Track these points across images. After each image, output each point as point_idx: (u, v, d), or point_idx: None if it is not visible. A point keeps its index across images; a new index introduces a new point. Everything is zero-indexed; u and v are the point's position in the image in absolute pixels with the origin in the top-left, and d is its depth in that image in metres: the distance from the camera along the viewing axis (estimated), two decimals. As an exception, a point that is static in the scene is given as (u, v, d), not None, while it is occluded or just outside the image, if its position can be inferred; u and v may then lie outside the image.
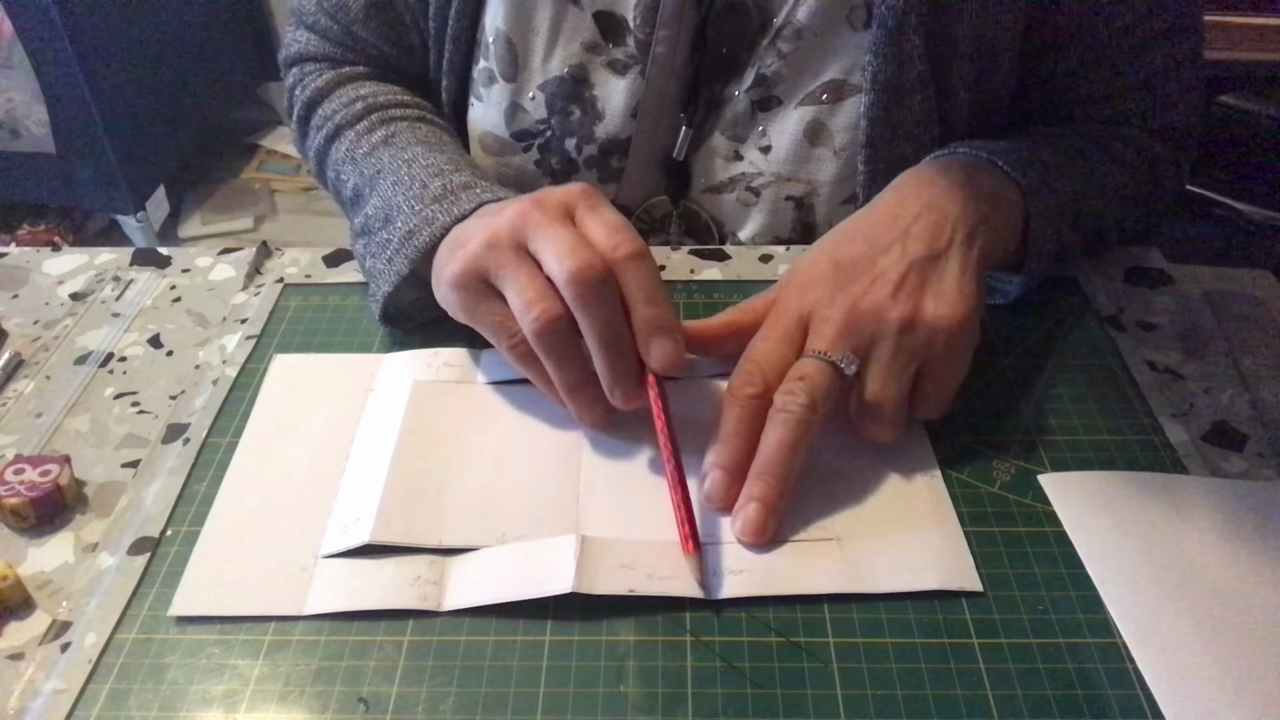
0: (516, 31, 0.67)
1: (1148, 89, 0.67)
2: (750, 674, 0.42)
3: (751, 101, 0.67)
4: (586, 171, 0.71)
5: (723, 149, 0.69)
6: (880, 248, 0.52)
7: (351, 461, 0.52)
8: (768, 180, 0.68)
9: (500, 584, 0.45)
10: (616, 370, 0.49)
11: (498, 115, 0.70)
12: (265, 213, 2.29)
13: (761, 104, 0.67)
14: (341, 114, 0.70)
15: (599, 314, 0.47)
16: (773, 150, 0.67)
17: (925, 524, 0.48)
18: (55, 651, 0.43)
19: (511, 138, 0.71)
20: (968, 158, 0.58)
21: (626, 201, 0.73)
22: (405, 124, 0.69)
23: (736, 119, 0.68)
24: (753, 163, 0.68)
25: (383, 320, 0.59)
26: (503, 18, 0.67)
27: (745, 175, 0.69)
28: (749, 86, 0.66)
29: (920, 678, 0.41)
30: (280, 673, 0.42)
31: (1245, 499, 0.48)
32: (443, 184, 0.58)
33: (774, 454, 0.47)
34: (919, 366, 0.50)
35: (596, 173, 0.71)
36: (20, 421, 0.55)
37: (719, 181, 0.70)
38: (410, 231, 0.56)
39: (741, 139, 0.68)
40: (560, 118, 0.69)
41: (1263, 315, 0.61)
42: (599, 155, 0.70)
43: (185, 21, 2.20)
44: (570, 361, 0.49)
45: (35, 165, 2.04)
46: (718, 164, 0.69)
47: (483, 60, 0.70)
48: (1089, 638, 0.43)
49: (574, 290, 0.47)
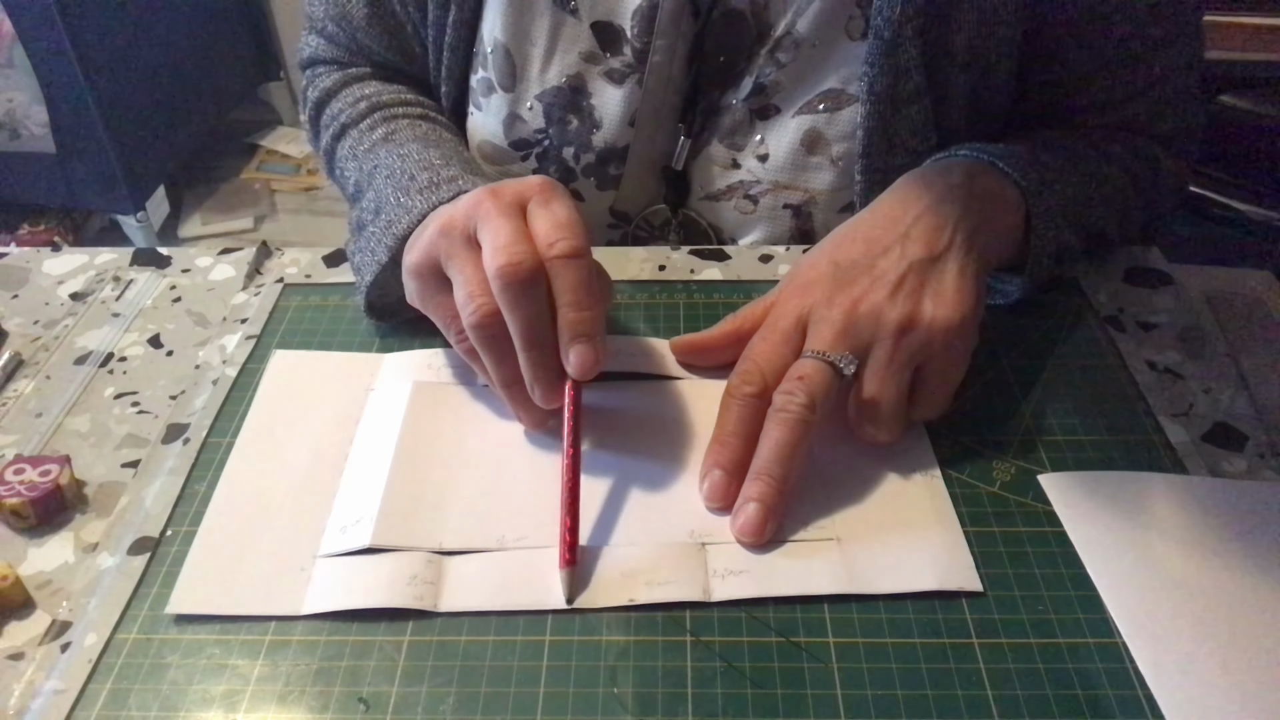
0: (514, 42, 0.68)
1: (1148, 96, 0.67)
2: (750, 674, 0.42)
3: (749, 110, 0.67)
4: (584, 179, 0.71)
5: (720, 157, 0.69)
6: (879, 249, 0.52)
7: (351, 462, 0.52)
8: (765, 188, 0.68)
9: (497, 592, 0.45)
10: (536, 369, 0.48)
11: (496, 125, 0.71)
12: (265, 213, 2.29)
13: (759, 112, 0.67)
14: (347, 113, 0.71)
15: (520, 313, 0.47)
16: (770, 158, 0.67)
17: (925, 524, 0.48)
18: (55, 651, 0.43)
19: (510, 147, 0.71)
20: (968, 160, 0.58)
21: (625, 208, 0.73)
22: (406, 121, 0.70)
23: (734, 127, 0.68)
24: (750, 171, 0.68)
25: (368, 313, 0.59)
26: (501, 28, 0.67)
27: (743, 183, 0.69)
28: (747, 95, 0.66)
29: (920, 678, 0.41)
30: (280, 673, 0.42)
31: (1245, 499, 0.48)
32: (430, 176, 0.59)
33: (773, 454, 0.47)
34: (917, 367, 0.50)
35: (594, 181, 0.71)
36: (20, 421, 0.55)
37: (717, 190, 0.70)
38: (391, 221, 0.57)
39: (739, 147, 0.68)
40: (558, 127, 0.69)
41: (1263, 315, 0.61)
42: (596, 164, 0.70)
43: (185, 22, 2.20)
44: (505, 358, 0.49)
45: (35, 165, 2.04)
46: (715, 172, 0.70)
47: (481, 70, 0.70)
48: (1089, 638, 0.43)
49: (498, 285, 0.47)
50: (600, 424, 0.53)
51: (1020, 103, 0.68)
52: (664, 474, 0.50)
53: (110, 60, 1.98)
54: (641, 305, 0.62)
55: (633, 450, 0.52)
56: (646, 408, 0.54)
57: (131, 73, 2.04)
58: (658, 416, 0.54)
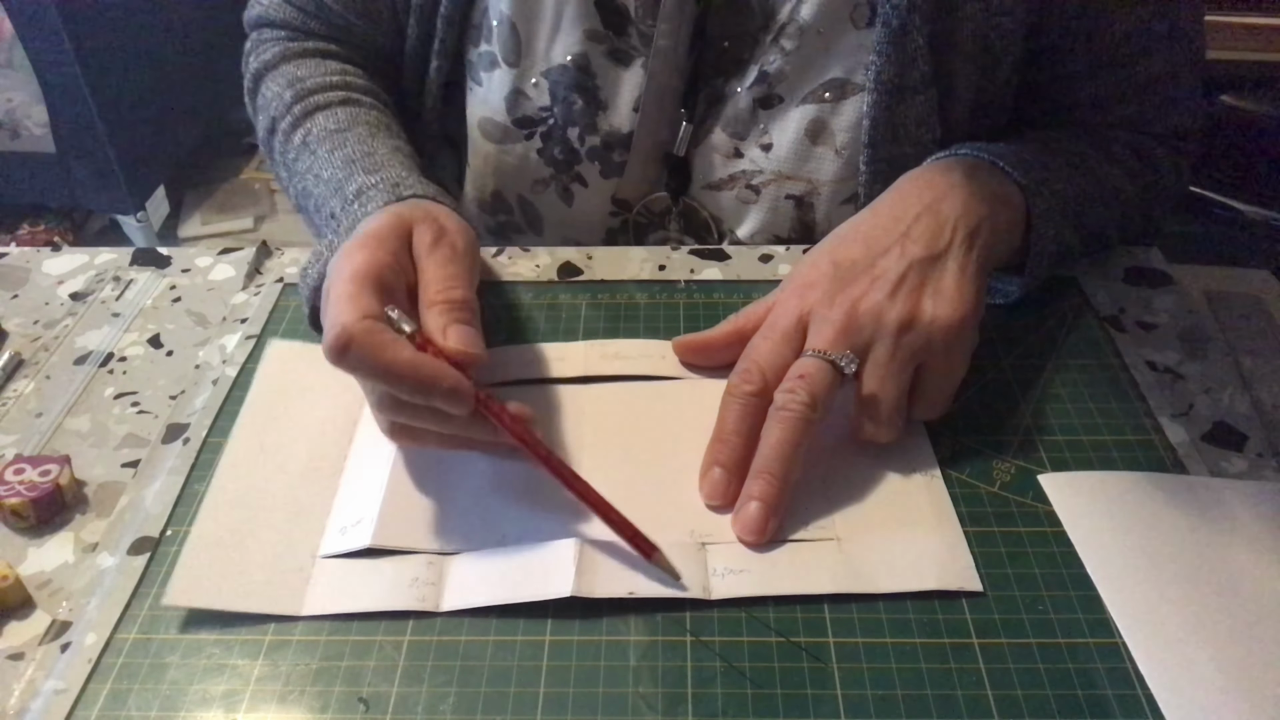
0: (521, 16, 0.67)
1: (1150, 92, 0.67)
2: (750, 674, 0.42)
3: (754, 99, 0.67)
4: (589, 164, 0.71)
5: (723, 146, 0.69)
6: (880, 249, 0.52)
7: (351, 461, 0.52)
8: (768, 178, 0.68)
9: (498, 586, 0.45)
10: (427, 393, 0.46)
11: (499, 101, 0.70)
12: (265, 213, 2.28)
13: (763, 101, 0.66)
14: (275, 105, 0.71)
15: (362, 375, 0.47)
16: (774, 148, 0.67)
17: (925, 524, 0.48)
18: (55, 651, 0.43)
19: (514, 124, 0.71)
20: (969, 159, 0.58)
21: (627, 196, 0.73)
22: (322, 114, 0.68)
23: (738, 116, 0.67)
24: (753, 160, 0.68)
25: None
26: (507, 3, 0.67)
27: (745, 173, 0.69)
28: (751, 83, 0.66)
29: (920, 677, 0.41)
30: (280, 672, 0.42)
31: (1245, 498, 0.48)
32: (331, 208, 0.61)
33: (774, 452, 0.47)
34: (917, 367, 0.50)
35: (599, 166, 0.71)
36: (20, 421, 0.55)
37: (719, 179, 0.70)
38: (303, 270, 0.58)
39: (742, 136, 0.68)
40: (563, 106, 0.69)
41: (1263, 315, 0.61)
42: (601, 148, 0.70)
43: (185, 22, 2.20)
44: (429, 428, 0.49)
45: (35, 165, 2.04)
46: (718, 161, 0.69)
47: (484, 44, 0.70)
48: (1089, 638, 0.43)
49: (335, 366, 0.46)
50: (601, 424, 0.53)
51: (1023, 99, 0.68)
52: (664, 473, 0.50)
53: (110, 60, 1.98)
54: (641, 305, 0.62)
55: (633, 450, 0.52)
56: (646, 408, 0.54)
57: (131, 73, 2.03)
58: (658, 416, 0.54)
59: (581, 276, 0.65)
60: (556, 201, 0.73)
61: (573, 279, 0.65)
